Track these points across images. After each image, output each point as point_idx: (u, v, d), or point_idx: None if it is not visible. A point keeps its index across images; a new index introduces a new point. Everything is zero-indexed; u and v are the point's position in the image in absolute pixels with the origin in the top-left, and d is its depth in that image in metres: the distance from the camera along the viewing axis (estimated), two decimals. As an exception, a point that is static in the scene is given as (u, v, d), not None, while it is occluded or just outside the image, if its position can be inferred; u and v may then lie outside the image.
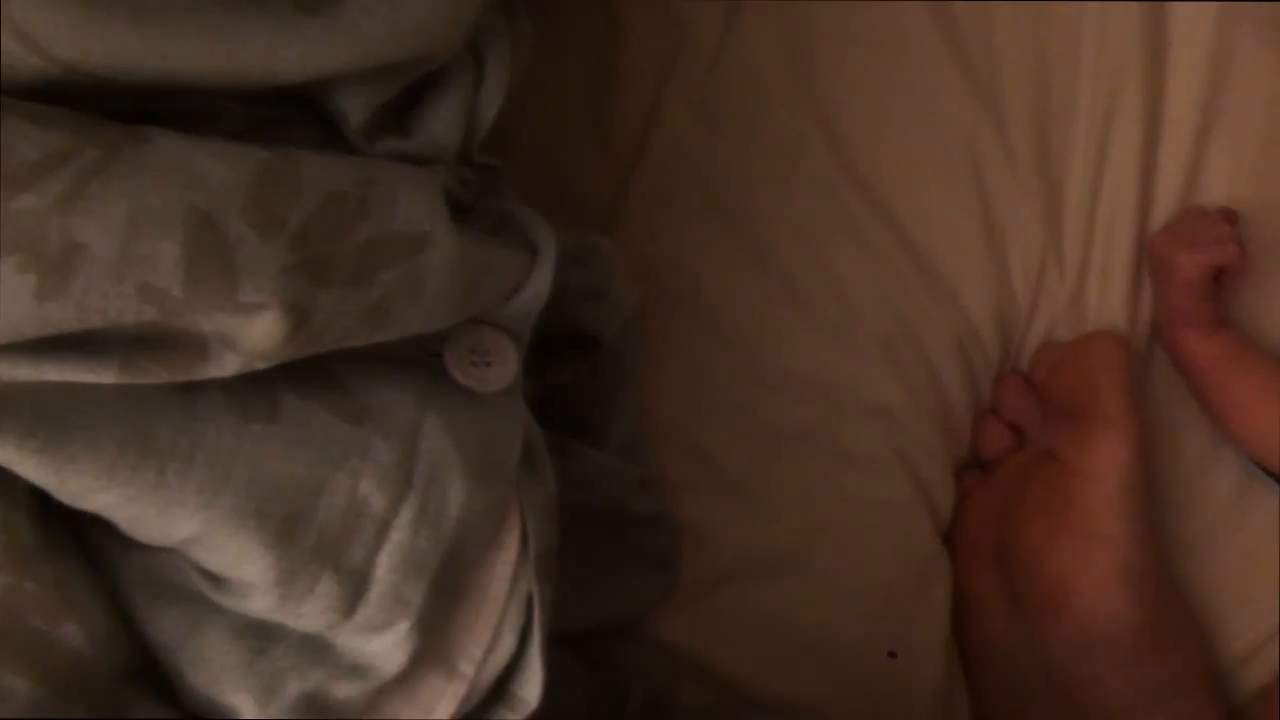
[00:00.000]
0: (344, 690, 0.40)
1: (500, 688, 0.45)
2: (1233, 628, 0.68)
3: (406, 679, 0.42)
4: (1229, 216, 0.66)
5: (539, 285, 0.43)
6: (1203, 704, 0.64)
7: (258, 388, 0.38)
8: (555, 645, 0.60)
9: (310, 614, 0.39)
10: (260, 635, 0.40)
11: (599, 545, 0.59)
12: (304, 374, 0.38)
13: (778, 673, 0.64)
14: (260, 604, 0.38)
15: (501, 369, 0.43)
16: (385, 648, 0.40)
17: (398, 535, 0.39)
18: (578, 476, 0.57)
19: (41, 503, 0.37)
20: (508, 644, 0.44)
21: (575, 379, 0.58)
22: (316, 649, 0.40)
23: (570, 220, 0.66)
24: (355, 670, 0.40)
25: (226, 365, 0.36)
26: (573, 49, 0.68)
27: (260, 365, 0.36)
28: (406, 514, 0.39)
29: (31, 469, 0.34)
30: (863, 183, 0.67)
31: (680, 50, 0.68)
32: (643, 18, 0.68)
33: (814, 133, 0.67)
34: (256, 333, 0.35)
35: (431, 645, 0.42)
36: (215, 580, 0.39)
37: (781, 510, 0.65)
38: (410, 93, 0.41)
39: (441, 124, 0.41)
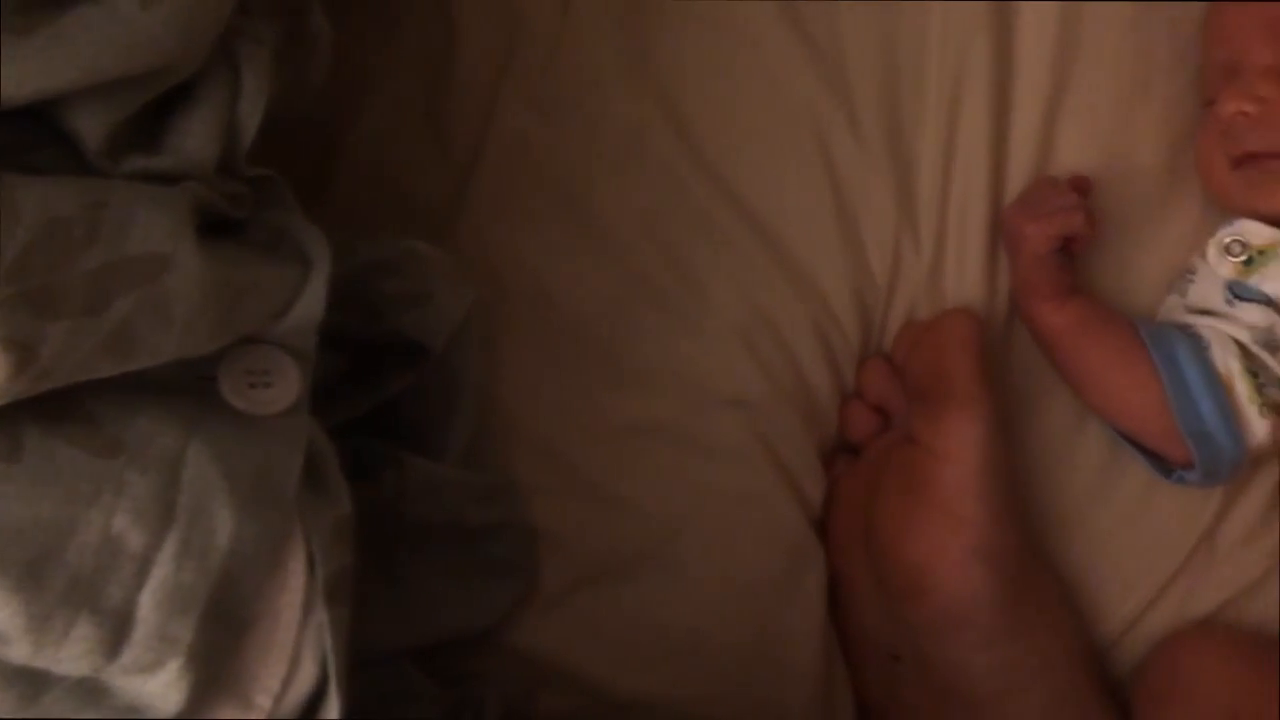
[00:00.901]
0: (124, 732, 0.39)
1: (309, 715, 0.43)
2: (1111, 598, 0.67)
3: (198, 714, 0.40)
4: (1079, 185, 0.65)
5: (312, 299, 0.42)
6: (1076, 679, 0.63)
7: (-1, 427, 0.36)
8: (407, 660, 0.59)
9: (70, 658, 0.37)
10: (32, 682, 0.38)
11: (442, 557, 0.58)
12: (51, 408, 0.37)
13: (644, 673, 0.62)
14: (18, 651, 0.37)
15: (283, 389, 0.42)
16: (160, 687, 0.38)
17: (160, 571, 0.38)
18: (413, 489, 0.56)
19: None
20: (309, 672, 0.42)
21: (409, 389, 0.57)
22: (92, 692, 0.39)
23: (409, 222, 0.65)
24: (133, 711, 0.39)
25: (-51, 407, 0.34)
26: (405, 47, 0.66)
27: (-10, 405, 0.35)
28: (169, 549, 0.38)
29: None
30: (710, 170, 0.66)
31: (516, 42, 0.66)
32: (476, 11, 0.66)
33: (657, 120, 0.66)
34: (-23, 371, 0.34)
35: (221, 678, 0.40)
36: (-24, 629, 0.38)
37: (641, 508, 0.64)
38: (158, 107, 0.39)
39: (194, 138, 0.40)
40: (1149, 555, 0.67)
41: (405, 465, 0.55)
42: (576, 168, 0.65)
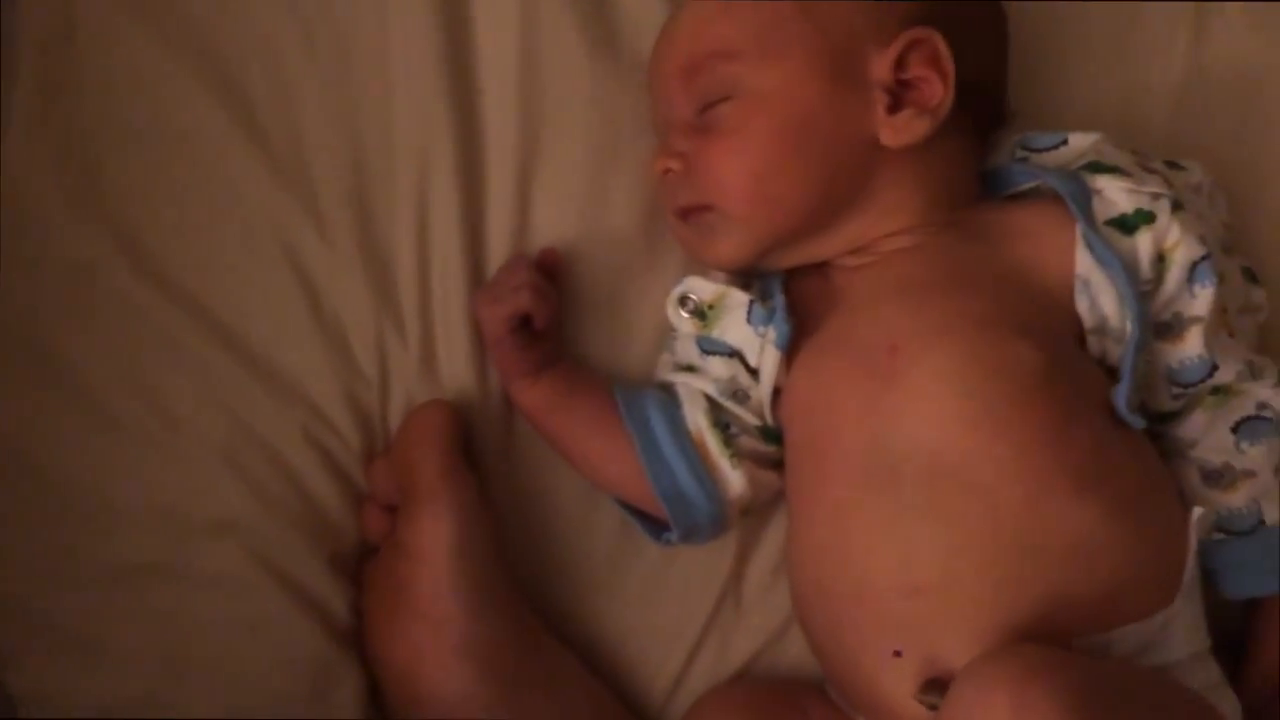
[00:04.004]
0: None
1: None
2: (650, 663, 0.67)
3: None
4: (545, 260, 0.65)
5: None
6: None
7: None
8: None
9: None
10: None
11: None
12: None
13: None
14: None
15: None
16: None
17: None
18: None
19: None
20: None
21: None
22: None
23: None
24: None
25: None
26: None
27: None
28: None
29: None
30: (173, 291, 0.64)
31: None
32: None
33: (108, 245, 0.64)
34: None
35: None
36: None
37: (135, 652, 0.61)
38: None
39: None
40: (678, 615, 0.67)
41: None
42: (24, 311, 0.63)
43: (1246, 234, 0.68)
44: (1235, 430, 0.60)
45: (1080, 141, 0.63)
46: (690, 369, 0.64)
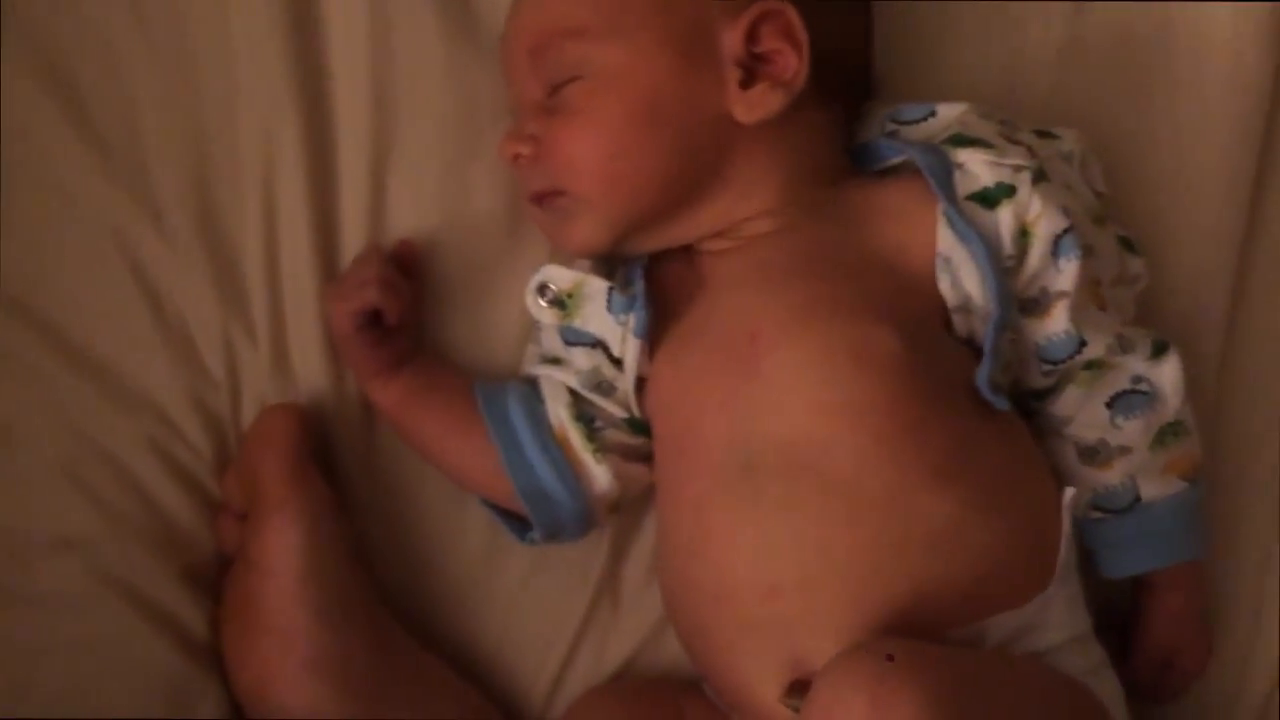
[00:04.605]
0: None
1: None
2: (528, 665, 0.65)
3: None
4: (401, 252, 0.62)
5: None
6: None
7: None
8: None
9: None
10: None
11: None
12: None
13: None
14: None
15: None
16: None
17: None
18: None
19: None
20: None
21: None
22: None
23: None
24: None
25: None
26: None
27: None
28: None
29: None
30: (1, 296, 0.60)
31: None
32: None
33: (-71, 253, 0.60)
34: None
35: None
36: None
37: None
38: None
39: None
40: (554, 616, 0.65)
41: None
42: None
43: (1124, 203, 0.66)
44: (1110, 405, 0.58)
45: (949, 112, 0.60)
46: (555, 361, 0.62)
